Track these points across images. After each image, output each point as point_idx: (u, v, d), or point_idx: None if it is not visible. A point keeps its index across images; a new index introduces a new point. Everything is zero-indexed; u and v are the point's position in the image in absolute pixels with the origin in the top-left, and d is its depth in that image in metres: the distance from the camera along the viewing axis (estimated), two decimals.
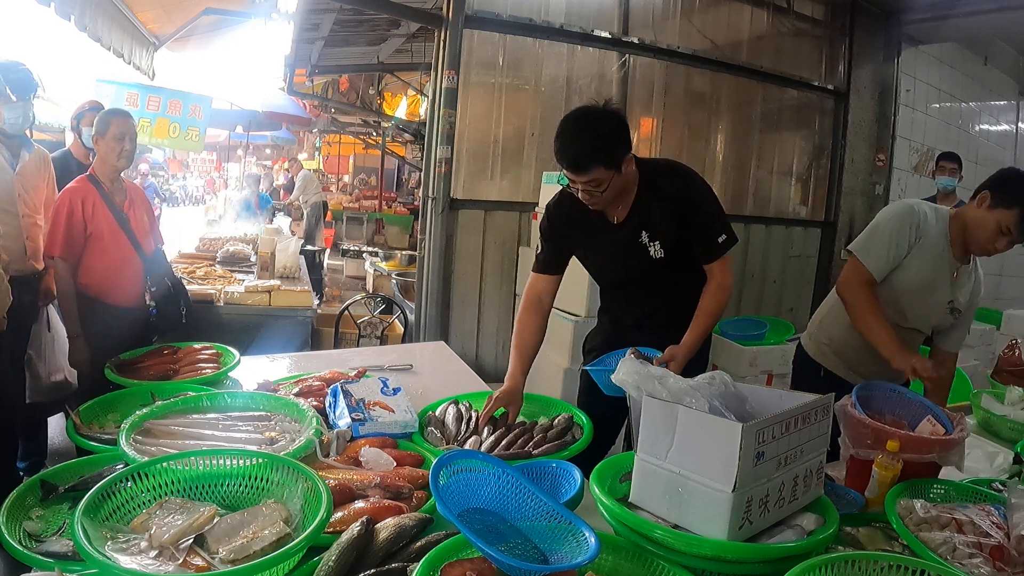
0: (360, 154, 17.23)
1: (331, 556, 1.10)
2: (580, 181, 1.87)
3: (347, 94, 11.70)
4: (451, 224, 4.50)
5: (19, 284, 2.59)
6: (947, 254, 2.13)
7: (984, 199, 2.05)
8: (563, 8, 4.65)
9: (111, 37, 4.52)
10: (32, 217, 2.78)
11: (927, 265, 2.13)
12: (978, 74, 6.76)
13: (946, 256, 2.13)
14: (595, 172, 1.84)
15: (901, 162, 6.08)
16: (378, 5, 5.08)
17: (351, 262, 8.67)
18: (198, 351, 2.39)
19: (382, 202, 12.72)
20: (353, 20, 6.97)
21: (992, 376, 2.85)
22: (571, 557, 1.08)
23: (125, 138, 2.69)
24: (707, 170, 5.44)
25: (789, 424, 1.21)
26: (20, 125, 2.69)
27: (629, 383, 1.38)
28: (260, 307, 3.74)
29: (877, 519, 1.42)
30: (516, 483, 1.21)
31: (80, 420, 1.76)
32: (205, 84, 6.88)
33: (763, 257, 5.67)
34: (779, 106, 5.70)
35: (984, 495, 1.49)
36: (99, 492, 1.16)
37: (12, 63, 2.68)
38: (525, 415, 1.96)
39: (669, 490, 1.22)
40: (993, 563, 1.21)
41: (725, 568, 1.16)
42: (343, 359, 2.60)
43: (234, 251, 5.03)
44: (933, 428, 1.63)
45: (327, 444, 1.58)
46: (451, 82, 4.26)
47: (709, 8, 5.25)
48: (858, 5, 5.72)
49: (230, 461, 1.31)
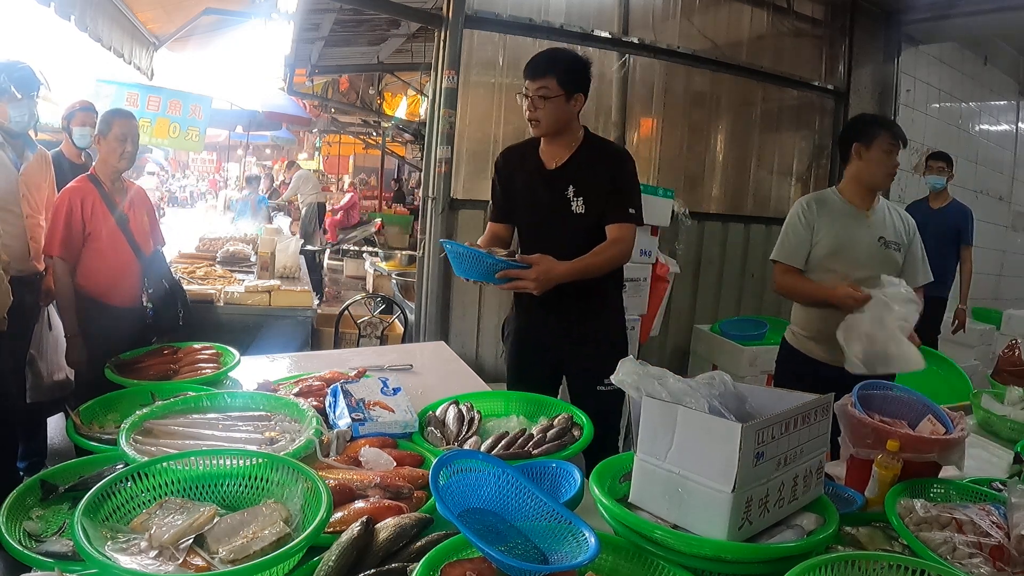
0: (360, 154, 17.24)
1: (331, 556, 1.10)
2: (532, 88, 2.11)
3: (347, 94, 11.71)
4: (451, 224, 4.50)
5: (21, 284, 2.59)
6: (848, 207, 2.52)
7: (858, 150, 2.49)
8: (563, 8, 4.65)
9: (111, 37, 4.52)
10: (35, 217, 2.79)
11: (834, 223, 2.48)
12: (978, 74, 6.75)
13: (848, 209, 2.52)
14: (547, 80, 2.09)
15: (901, 162, 6.07)
16: (378, 5, 5.07)
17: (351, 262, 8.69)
18: (198, 351, 2.39)
19: (382, 202, 12.73)
20: (353, 20, 6.97)
21: (992, 376, 2.85)
22: (571, 557, 1.07)
23: (127, 139, 2.69)
24: (707, 170, 5.44)
25: (789, 424, 1.21)
26: (25, 124, 2.69)
27: (628, 383, 1.38)
28: (260, 307, 3.74)
29: (877, 519, 1.42)
30: (516, 483, 1.21)
31: (80, 420, 1.76)
32: (205, 84, 6.88)
33: (763, 257, 5.65)
34: (779, 106, 5.69)
35: (984, 495, 1.49)
36: (99, 492, 1.16)
37: (14, 62, 2.68)
38: (525, 415, 1.96)
39: (669, 490, 1.22)
40: (993, 563, 1.21)
41: (725, 568, 1.16)
42: (343, 359, 2.59)
43: (234, 251, 5.03)
44: (933, 428, 1.62)
45: (327, 444, 1.58)
46: (451, 82, 4.26)
47: (709, 8, 5.25)
48: (858, 5, 5.71)
49: (230, 461, 1.31)
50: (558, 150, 2.26)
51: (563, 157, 2.24)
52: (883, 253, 2.47)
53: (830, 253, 2.47)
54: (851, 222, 2.49)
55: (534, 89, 2.11)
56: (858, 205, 2.52)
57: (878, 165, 2.45)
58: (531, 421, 1.92)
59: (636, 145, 5.09)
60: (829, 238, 2.48)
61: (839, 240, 2.47)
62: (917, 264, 2.54)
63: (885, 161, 2.45)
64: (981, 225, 4.84)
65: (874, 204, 2.54)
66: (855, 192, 2.53)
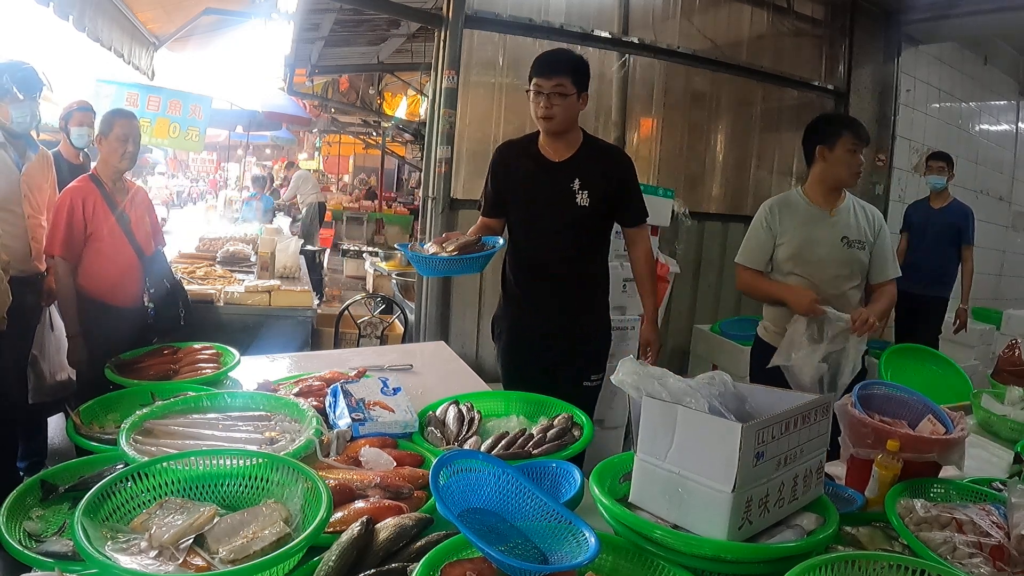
0: (360, 154, 17.24)
1: (331, 556, 1.10)
2: (548, 86, 2.16)
3: (347, 94, 11.71)
4: (451, 224, 4.50)
5: (23, 285, 2.59)
6: (812, 208, 2.54)
7: (821, 152, 2.50)
8: (563, 8, 4.65)
9: (111, 37, 4.51)
10: (37, 218, 2.78)
11: (796, 225, 2.52)
12: (978, 74, 6.75)
13: (811, 210, 2.54)
14: (562, 79, 2.16)
15: (901, 162, 6.07)
16: (378, 5, 5.08)
17: (351, 262, 8.69)
18: (198, 351, 2.39)
19: (382, 202, 12.73)
20: (353, 20, 6.97)
21: (992, 376, 2.84)
22: (571, 557, 1.07)
23: (128, 140, 2.69)
24: (707, 170, 5.44)
25: (789, 424, 1.21)
26: (27, 124, 2.69)
27: (628, 383, 1.38)
28: (260, 307, 3.74)
29: (877, 519, 1.42)
30: (516, 483, 1.21)
31: (80, 420, 1.76)
32: (205, 84, 6.87)
33: None
34: (779, 106, 5.69)
35: (984, 495, 1.49)
36: (99, 492, 1.16)
37: (16, 62, 2.68)
38: (525, 415, 1.96)
39: (669, 490, 1.22)
40: (993, 563, 1.21)
41: (725, 568, 1.16)
42: (343, 359, 2.59)
43: (234, 251, 5.03)
44: (933, 428, 1.62)
45: (327, 444, 1.58)
46: (451, 82, 4.26)
47: (709, 8, 5.25)
48: (858, 5, 5.71)
49: (230, 461, 1.31)
50: (561, 146, 2.32)
51: (567, 152, 2.31)
52: (846, 253, 2.50)
53: (793, 255, 2.52)
54: (814, 224, 2.52)
55: (550, 87, 2.17)
56: (822, 205, 2.54)
57: (843, 166, 2.46)
58: (531, 421, 1.92)
59: (636, 145, 5.09)
60: (792, 241, 2.52)
61: (801, 242, 2.51)
62: (885, 259, 2.57)
63: (849, 161, 2.45)
64: (981, 225, 4.84)
65: (838, 203, 2.55)
66: (819, 192, 2.55)
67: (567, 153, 2.31)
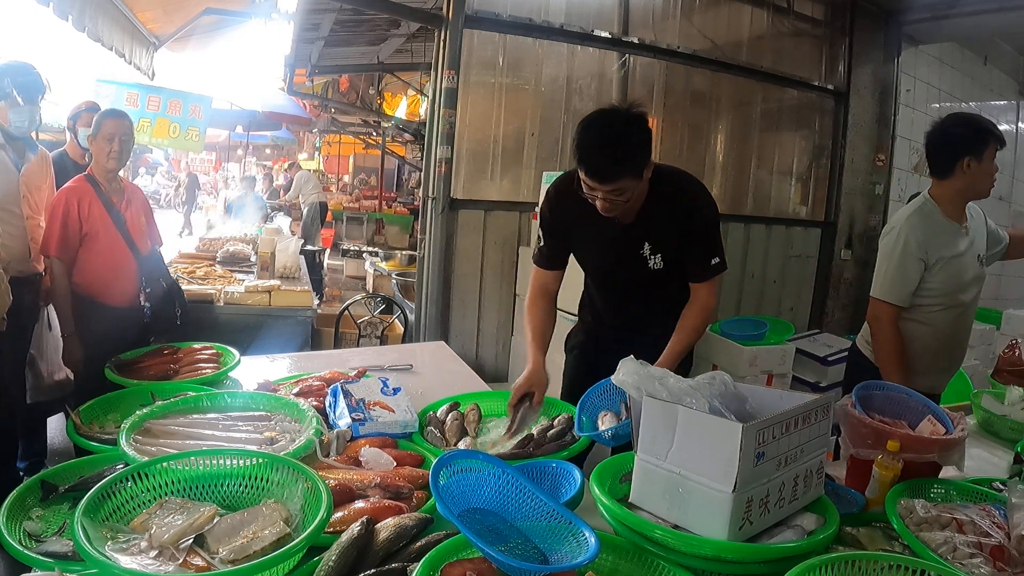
0: (360, 154, 17.23)
1: (331, 556, 1.10)
2: (603, 190, 1.78)
3: (347, 94, 11.70)
4: (451, 224, 4.50)
5: (22, 285, 2.58)
6: (951, 225, 2.23)
7: (968, 163, 2.17)
8: (563, 8, 4.65)
9: (111, 37, 4.51)
10: (35, 218, 2.78)
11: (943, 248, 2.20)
12: (978, 74, 6.75)
13: (952, 228, 2.23)
14: (621, 182, 1.76)
15: (901, 162, 6.08)
16: (378, 5, 5.08)
17: (351, 262, 8.68)
18: (198, 351, 2.39)
19: (382, 202, 12.73)
20: (353, 20, 6.97)
21: (992, 376, 2.84)
22: (571, 557, 1.07)
23: (115, 139, 2.67)
24: (707, 170, 5.43)
25: (789, 424, 1.21)
26: (26, 128, 2.69)
27: (629, 383, 1.38)
28: (260, 307, 3.74)
29: (877, 519, 1.42)
30: (516, 483, 1.21)
31: (80, 420, 1.76)
32: (205, 84, 6.88)
33: (763, 257, 5.67)
34: (779, 106, 5.69)
35: (984, 495, 1.49)
36: (99, 492, 1.16)
37: (21, 65, 2.67)
38: None
39: (669, 490, 1.22)
40: (993, 563, 1.21)
41: (725, 568, 1.16)
42: (343, 359, 2.59)
43: (234, 251, 5.03)
44: (933, 428, 1.62)
45: (327, 444, 1.58)
46: (451, 82, 4.26)
47: (709, 8, 5.25)
48: (858, 5, 5.71)
49: (230, 461, 1.31)
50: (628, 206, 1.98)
51: (635, 212, 1.97)
52: (981, 272, 2.24)
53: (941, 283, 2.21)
54: (956, 243, 2.22)
55: (607, 191, 1.78)
56: (957, 220, 2.24)
57: (988, 177, 2.17)
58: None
59: None
60: (943, 268, 2.19)
61: (951, 268, 2.19)
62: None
63: (992, 171, 2.17)
64: None
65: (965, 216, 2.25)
66: (956, 206, 2.24)
67: (635, 212, 1.96)
